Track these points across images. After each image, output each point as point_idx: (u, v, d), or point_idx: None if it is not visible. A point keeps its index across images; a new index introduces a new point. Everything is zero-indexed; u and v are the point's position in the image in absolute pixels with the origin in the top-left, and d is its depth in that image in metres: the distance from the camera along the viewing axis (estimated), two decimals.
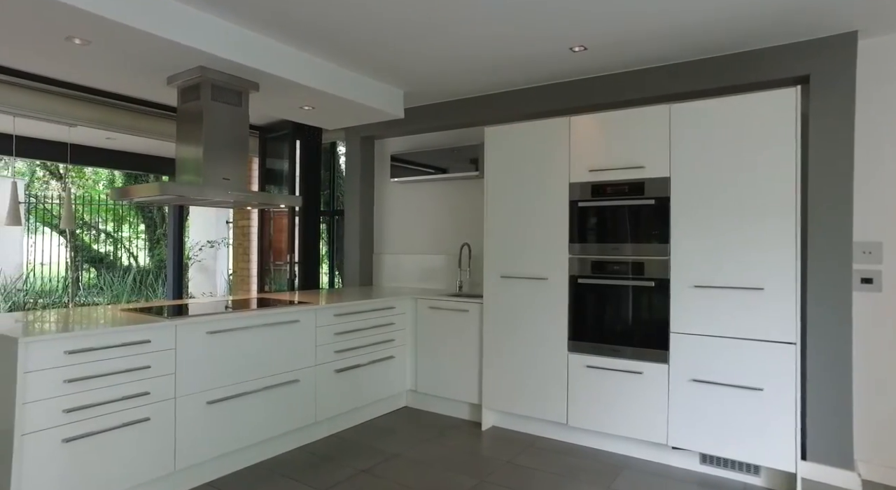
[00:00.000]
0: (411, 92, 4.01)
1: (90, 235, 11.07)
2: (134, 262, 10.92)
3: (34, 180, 11.65)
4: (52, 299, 8.74)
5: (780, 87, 2.76)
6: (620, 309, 3.11)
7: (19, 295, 8.52)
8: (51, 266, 10.01)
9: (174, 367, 2.49)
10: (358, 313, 3.53)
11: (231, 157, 3.08)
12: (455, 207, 4.44)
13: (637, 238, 3.06)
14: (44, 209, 10.39)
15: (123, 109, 4.37)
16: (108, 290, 9.45)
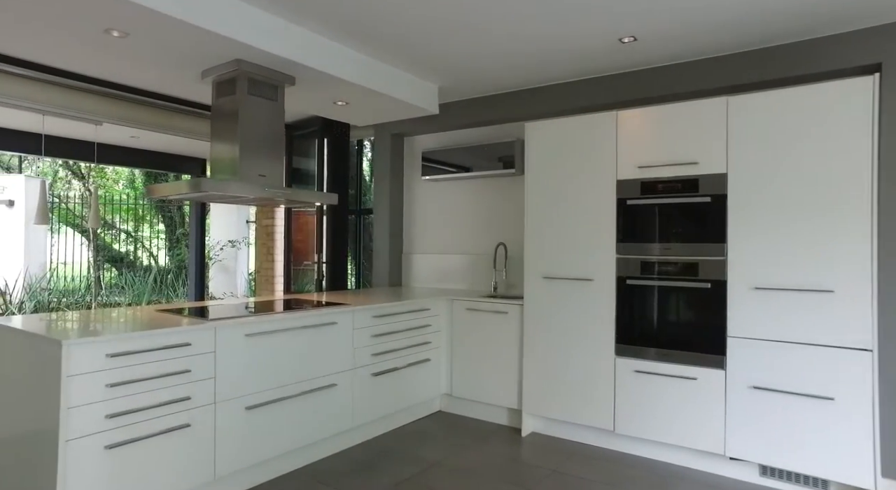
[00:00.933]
0: (446, 87, 3.89)
1: (110, 235, 11.10)
2: (153, 261, 10.94)
3: (56, 180, 11.72)
4: (75, 299, 8.76)
5: (846, 77, 2.59)
6: (672, 311, 2.97)
7: (44, 294, 8.54)
8: (73, 265, 10.06)
9: (213, 370, 2.39)
10: (395, 315, 3.42)
11: (267, 153, 2.99)
12: (489, 206, 4.32)
13: (690, 237, 2.91)
14: (66, 209, 10.44)
15: (151, 106, 4.31)
16: (129, 289, 9.45)
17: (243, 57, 2.79)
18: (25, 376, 2.09)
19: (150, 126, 4.46)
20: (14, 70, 3.37)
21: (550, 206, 3.39)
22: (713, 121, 2.84)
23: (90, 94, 3.98)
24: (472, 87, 3.87)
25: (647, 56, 3.17)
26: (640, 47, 3.04)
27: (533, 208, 3.46)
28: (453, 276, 4.50)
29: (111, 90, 3.79)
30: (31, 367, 2.05)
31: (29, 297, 8.30)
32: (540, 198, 3.43)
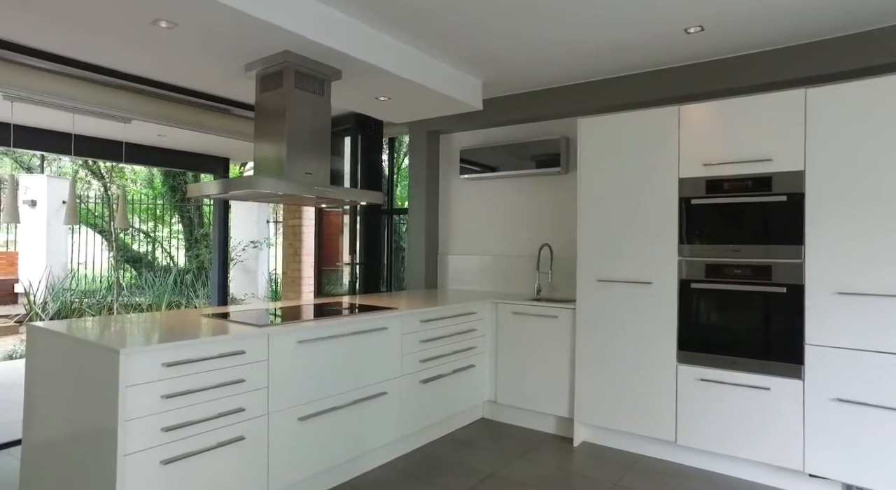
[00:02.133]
0: (489, 82, 3.75)
1: (129, 235, 11.06)
2: (171, 261, 10.88)
3: (77, 180, 11.70)
4: (96, 299, 8.71)
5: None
6: (741, 317, 2.80)
7: (66, 294, 8.50)
8: (94, 266, 10.03)
9: (267, 379, 2.26)
10: (442, 319, 3.28)
11: (314, 150, 2.86)
12: (532, 206, 4.16)
13: (762, 239, 2.74)
14: (86, 209, 10.41)
15: (184, 104, 4.20)
16: (149, 290, 9.40)
17: (292, 48, 2.65)
18: (80, 386, 1.97)
19: (182, 123, 4.36)
20: (47, 66, 3.27)
21: (605, 206, 3.23)
22: (789, 114, 2.67)
23: (122, 90, 3.87)
24: (518, 82, 3.72)
25: (714, 47, 3.00)
26: (707, 38, 2.87)
27: (586, 208, 3.30)
28: (491, 278, 4.35)
29: (144, 86, 3.68)
30: (85, 377, 1.93)
31: (52, 297, 8.26)
32: (594, 197, 3.27)
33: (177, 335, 2.06)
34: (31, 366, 2.26)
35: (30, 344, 2.27)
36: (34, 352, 2.24)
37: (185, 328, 2.24)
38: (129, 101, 3.97)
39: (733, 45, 2.96)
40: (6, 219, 4.36)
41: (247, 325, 2.34)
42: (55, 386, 2.10)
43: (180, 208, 11.35)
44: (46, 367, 2.16)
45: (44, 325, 2.24)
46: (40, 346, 2.21)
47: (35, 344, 2.24)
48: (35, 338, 2.24)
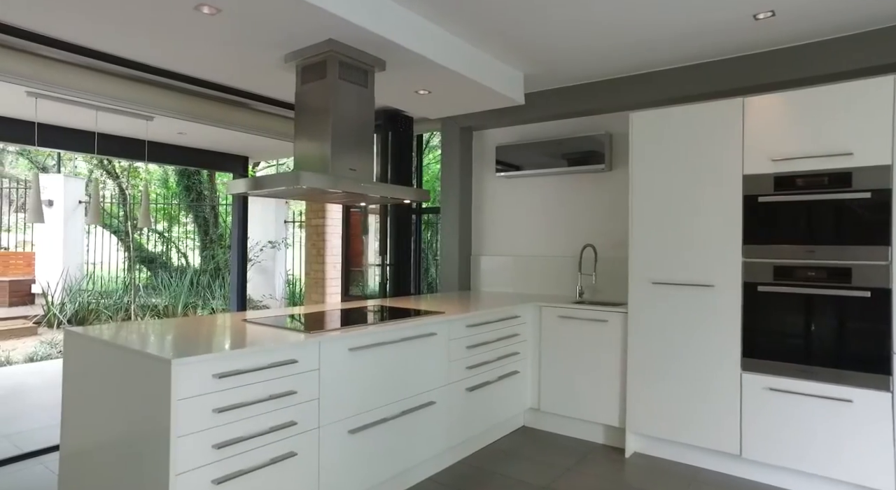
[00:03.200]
0: (532, 75, 3.58)
1: (143, 235, 10.97)
2: (185, 261, 10.78)
3: (91, 180, 11.63)
4: (113, 300, 8.61)
5: None
6: (817, 323, 2.61)
7: (83, 295, 8.41)
8: (109, 266, 9.94)
9: (318, 390, 2.10)
10: (487, 324, 3.12)
11: (358, 145, 2.70)
12: (573, 205, 3.98)
13: (841, 239, 2.55)
14: (101, 209, 10.33)
15: (211, 99, 4.06)
16: (165, 291, 9.29)
17: (336, 37, 2.50)
18: (125, 397, 1.81)
19: (209, 120, 4.21)
20: (73, 59, 3.13)
21: (660, 205, 3.05)
22: (875, 105, 2.47)
23: (148, 85, 3.73)
24: (562, 75, 3.54)
25: (784, 33, 2.82)
26: (778, 23, 2.69)
27: (639, 207, 3.12)
28: (528, 280, 4.18)
29: (170, 80, 3.54)
30: (131, 388, 1.78)
31: (70, 298, 8.17)
32: (647, 195, 3.09)
33: (226, 344, 1.91)
34: (68, 373, 2.12)
35: (67, 350, 2.13)
36: (72, 358, 2.10)
37: (231, 336, 2.09)
38: (154, 96, 3.83)
39: (806, 30, 2.77)
40: (30, 218, 4.24)
41: (295, 331, 2.19)
42: (96, 395, 1.95)
43: (195, 208, 11.25)
44: (86, 374, 2.01)
45: (82, 330, 2.09)
46: (78, 352, 2.06)
47: (73, 350, 2.10)
48: (73, 344, 2.10)
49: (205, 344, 1.90)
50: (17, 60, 3.06)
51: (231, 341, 1.96)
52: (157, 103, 3.87)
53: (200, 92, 3.88)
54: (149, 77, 3.46)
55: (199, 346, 1.84)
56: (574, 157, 3.85)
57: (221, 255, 10.20)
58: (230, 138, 6.07)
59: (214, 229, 10.77)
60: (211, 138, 6.00)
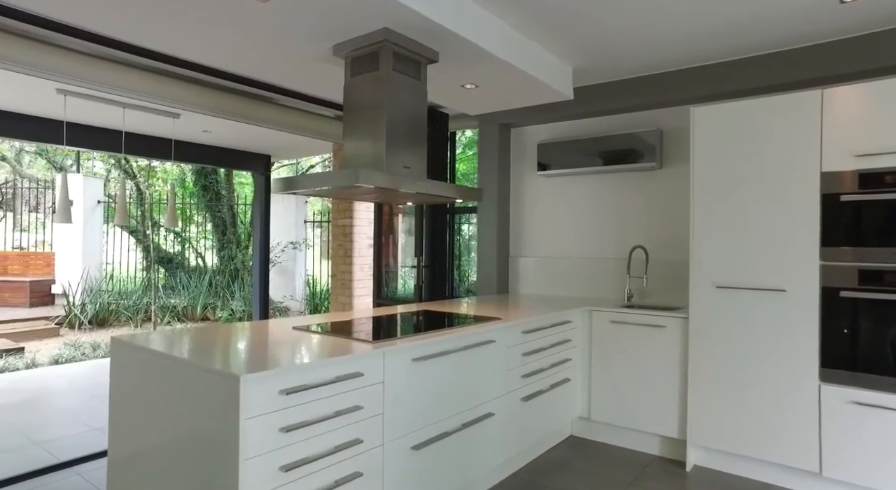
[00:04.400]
0: (581, 68, 3.40)
1: (160, 235, 10.89)
2: (201, 262, 10.69)
3: (108, 180, 11.59)
4: (132, 301, 8.53)
5: None
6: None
7: (103, 296, 8.34)
8: (127, 267, 9.88)
9: (382, 405, 1.95)
10: (541, 329, 2.95)
11: (412, 141, 2.55)
12: (621, 205, 3.81)
13: None
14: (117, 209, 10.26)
15: (244, 96, 3.93)
16: (185, 291, 9.21)
17: (392, 25, 2.34)
18: (183, 412, 1.67)
19: (236, 116, 4.07)
20: (102, 52, 3.01)
21: (725, 205, 2.87)
22: None
23: (177, 79, 3.59)
24: (613, 68, 3.37)
25: (872, 17, 2.61)
26: (865, 6, 2.50)
27: (701, 206, 2.95)
28: (570, 282, 4.01)
29: (199, 74, 3.40)
30: (191, 403, 1.64)
31: (90, 299, 8.10)
32: (711, 194, 2.91)
33: (288, 357, 1.76)
34: (116, 381, 1.98)
35: (115, 357, 1.99)
36: (120, 366, 1.96)
37: (290, 347, 1.94)
38: (183, 92, 3.69)
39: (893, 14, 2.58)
40: (58, 219, 4.14)
41: (358, 341, 2.03)
42: (149, 405, 1.81)
43: (212, 208, 11.15)
44: (136, 383, 1.88)
45: (128, 338, 1.95)
46: (127, 360, 1.93)
47: (121, 357, 1.96)
48: (121, 351, 1.96)
49: (265, 357, 1.76)
50: (48, 54, 2.94)
51: (293, 354, 1.81)
52: (187, 99, 3.73)
53: (231, 87, 3.75)
54: (178, 71, 3.33)
55: (263, 360, 1.69)
56: (622, 155, 3.67)
57: (239, 255, 10.10)
58: (253, 137, 5.96)
59: (232, 229, 10.66)
60: (234, 137, 5.89)
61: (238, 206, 10.89)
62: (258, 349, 1.87)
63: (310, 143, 6.22)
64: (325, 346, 1.92)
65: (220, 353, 1.77)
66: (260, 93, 3.79)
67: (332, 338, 2.09)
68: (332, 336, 2.13)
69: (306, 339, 2.05)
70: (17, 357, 5.61)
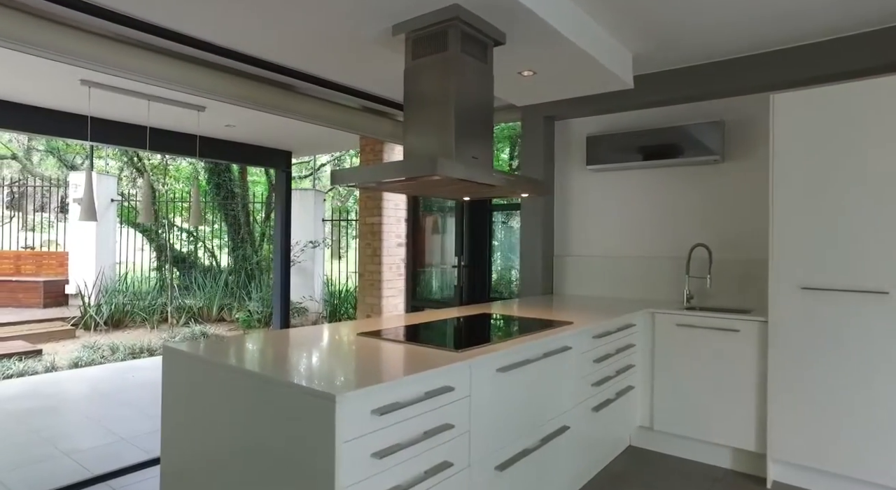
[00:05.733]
0: (641, 55, 3.18)
1: (173, 235, 10.71)
2: (214, 261, 10.51)
3: (121, 178, 11.42)
4: (148, 301, 8.35)
5: None
6: None
7: (118, 296, 8.15)
8: (141, 266, 9.71)
9: (468, 421, 1.74)
10: (609, 334, 2.75)
11: (480, 129, 2.33)
12: (679, 200, 3.59)
13: None
14: (129, 208, 10.10)
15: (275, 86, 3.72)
16: (200, 292, 9.02)
17: (461, 1, 2.13)
18: (262, 433, 1.46)
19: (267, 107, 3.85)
20: (131, 34, 2.80)
21: (813, 199, 2.64)
22: None
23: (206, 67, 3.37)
24: (677, 55, 3.15)
25: None
26: None
27: (783, 201, 2.72)
28: (621, 283, 3.79)
29: (228, 60, 3.18)
30: (276, 428, 1.43)
31: (106, 299, 7.92)
32: (794, 188, 2.69)
33: (374, 370, 1.56)
34: (171, 396, 1.78)
35: (169, 369, 1.79)
36: (174, 378, 1.76)
37: (368, 357, 1.74)
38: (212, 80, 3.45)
39: None
40: (83, 217, 3.94)
41: (442, 349, 1.83)
42: (211, 425, 1.61)
43: (225, 207, 10.97)
44: (196, 400, 1.67)
45: (186, 347, 1.75)
46: (184, 372, 1.73)
47: (176, 370, 1.76)
48: (176, 363, 1.76)
49: (350, 371, 1.55)
50: (72, 39, 2.74)
51: (378, 367, 1.61)
52: (217, 88, 3.50)
53: (263, 76, 3.53)
54: (208, 57, 3.12)
55: (350, 375, 1.49)
56: (679, 148, 3.45)
57: (253, 254, 9.91)
58: (275, 131, 5.77)
59: (246, 228, 10.47)
60: (257, 131, 5.70)
61: (252, 204, 10.71)
62: (336, 361, 1.66)
63: (333, 137, 6.02)
64: (407, 357, 1.72)
65: (297, 366, 1.57)
66: (290, 81, 3.56)
67: (409, 346, 1.88)
68: (407, 344, 1.92)
69: (382, 349, 1.84)
70: (35, 360, 5.43)
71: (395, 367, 1.59)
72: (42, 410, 3.92)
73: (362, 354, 1.74)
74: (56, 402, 4.15)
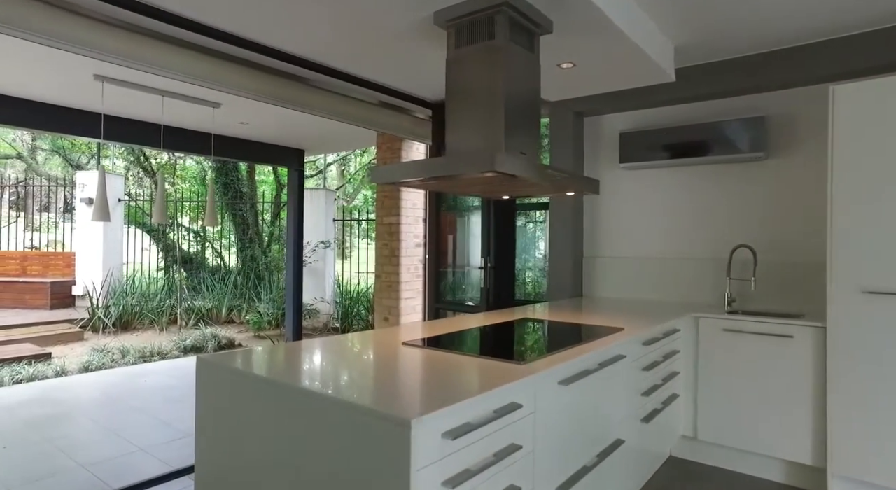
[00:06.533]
0: (682, 46, 3.03)
1: (179, 235, 10.58)
2: (221, 262, 10.38)
3: (128, 178, 11.30)
4: (156, 303, 8.21)
5: None
6: None
7: (126, 297, 8.01)
8: (149, 267, 9.57)
9: (532, 440, 1.59)
10: (657, 340, 2.60)
11: (528, 123, 2.18)
12: (719, 199, 3.43)
13: None
14: (137, 208, 9.96)
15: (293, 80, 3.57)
16: (209, 293, 8.88)
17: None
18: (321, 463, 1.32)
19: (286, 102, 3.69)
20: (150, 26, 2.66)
21: (876, 196, 2.49)
22: None
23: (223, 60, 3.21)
24: (723, 44, 2.99)
25: None
26: None
27: (843, 199, 2.57)
28: (657, 285, 3.64)
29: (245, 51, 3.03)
30: (338, 453, 1.28)
31: (114, 301, 7.78)
32: (857, 186, 2.53)
33: (439, 386, 1.41)
34: (206, 411, 1.64)
35: (204, 383, 1.64)
36: (211, 394, 1.62)
37: (425, 371, 1.59)
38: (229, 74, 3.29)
39: None
40: (96, 217, 3.81)
41: (498, 360, 1.68)
42: (253, 443, 1.46)
43: (232, 207, 10.84)
44: (237, 416, 1.53)
45: (217, 358, 1.61)
46: (222, 387, 1.58)
47: (212, 383, 1.61)
48: (212, 375, 1.61)
49: (413, 388, 1.41)
50: (86, 28, 2.59)
51: (441, 382, 1.46)
52: (235, 83, 3.33)
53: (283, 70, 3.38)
54: (226, 48, 2.96)
55: (415, 394, 1.34)
56: (719, 145, 3.30)
57: (262, 255, 9.78)
58: (289, 129, 5.64)
59: (254, 228, 10.32)
60: (271, 129, 5.56)
61: (262, 203, 10.57)
62: (392, 376, 1.52)
63: (347, 135, 5.89)
64: (468, 370, 1.57)
65: (353, 381, 1.42)
66: (308, 74, 3.40)
67: (465, 358, 1.73)
68: (463, 355, 1.77)
69: (437, 361, 1.69)
70: (44, 364, 5.30)
71: (460, 382, 1.44)
72: (55, 418, 3.78)
73: (418, 368, 1.60)
74: (68, 409, 4.01)
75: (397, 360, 1.69)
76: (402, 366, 1.63)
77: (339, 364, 1.64)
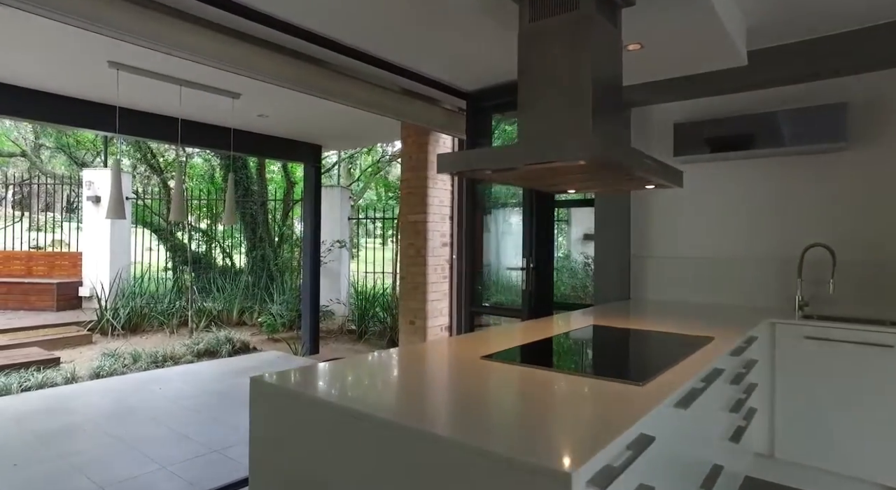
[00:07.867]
0: (755, 27, 2.77)
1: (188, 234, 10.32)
2: (230, 262, 10.12)
3: (134, 176, 11.04)
4: (166, 304, 7.95)
5: None
6: None
7: (135, 299, 7.75)
8: (157, 268, 9.33)
9: (662, 479, 1.33)
10: (742, 350, 2.33)
11: (613, 106, 1.92)
12: (790, 194, 3.17)
13: None
14: (145, 207, 9.72)
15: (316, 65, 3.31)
16: (220, 294, 8.62)
17: None
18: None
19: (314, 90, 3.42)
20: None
21: None
22: None
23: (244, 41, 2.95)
24: (801, 22, 2.72)
25: None
26: None
27: None
28: (715, 286, 3.38)
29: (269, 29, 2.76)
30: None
31: (123, 303, 7.53)
32: None
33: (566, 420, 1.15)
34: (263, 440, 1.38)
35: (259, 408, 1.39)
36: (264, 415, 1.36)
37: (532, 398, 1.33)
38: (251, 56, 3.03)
39: None
40: (111, 214, 3.56)
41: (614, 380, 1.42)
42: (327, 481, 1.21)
43: (242, 205, 10.57)
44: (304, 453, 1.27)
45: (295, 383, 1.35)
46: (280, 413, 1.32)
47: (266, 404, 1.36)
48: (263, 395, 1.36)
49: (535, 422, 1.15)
50: (101, 4, 2.34)
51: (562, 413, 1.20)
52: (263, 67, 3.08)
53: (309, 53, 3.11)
54: (252, 27, 2.71)
55: (553, 431, 1.08)
56: (791, 135, 3.03)
57: (273, 255, 9.52)
58: (307, 123, 5.39)
59: (264, 227, 10.06)
60: (289, 122, 5.32)
61: (273, 201, 10.33)
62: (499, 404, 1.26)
63: (368, 129, 5.64)
64: (583, 394, 1.31)
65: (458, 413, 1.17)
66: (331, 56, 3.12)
67: (567, 376, 1.47)
68: (562, 373, 1.51)
69: (539, 382, 1.43)
70: (53, 370, 5.05)
71: (587, 413, 1.18)
72: (68, 430, 3.53)
73: (524, 393, 1.34)
74: (81, 420, 3.76)
75: (490, 382, 1.43)
76: (505, 390, 1.37)
77: (429, 390, 1.38)
